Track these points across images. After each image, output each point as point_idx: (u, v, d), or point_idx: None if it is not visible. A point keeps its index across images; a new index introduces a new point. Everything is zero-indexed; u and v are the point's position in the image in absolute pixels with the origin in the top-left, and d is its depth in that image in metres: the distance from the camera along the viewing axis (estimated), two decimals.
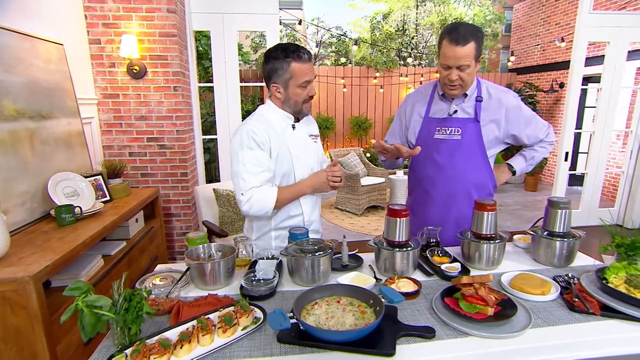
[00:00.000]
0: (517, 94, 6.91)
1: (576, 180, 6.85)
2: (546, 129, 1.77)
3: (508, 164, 1.83)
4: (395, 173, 5.90)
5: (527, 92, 7.37)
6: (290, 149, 1.55)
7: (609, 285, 1.19)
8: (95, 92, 3.10)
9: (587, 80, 6.50)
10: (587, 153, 4.91)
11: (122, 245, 2.39)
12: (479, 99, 1.67)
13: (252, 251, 1.54)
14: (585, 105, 6.90)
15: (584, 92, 6.66)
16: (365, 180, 5.53)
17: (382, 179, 5.62)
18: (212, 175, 5.78)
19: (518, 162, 1.82)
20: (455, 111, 1.69)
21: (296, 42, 9.35)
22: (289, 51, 1.46)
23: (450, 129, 1.69)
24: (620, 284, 1.19)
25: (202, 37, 5.75)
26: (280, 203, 1.50)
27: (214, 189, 3.06)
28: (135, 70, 3.10)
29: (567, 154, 4.50)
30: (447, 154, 1.69)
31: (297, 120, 1.61)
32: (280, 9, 3.76)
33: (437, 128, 1.71)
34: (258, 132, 1.47)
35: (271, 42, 3.60)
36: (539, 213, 5.46)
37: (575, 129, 4.47)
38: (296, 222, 1.63)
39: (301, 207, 1.61)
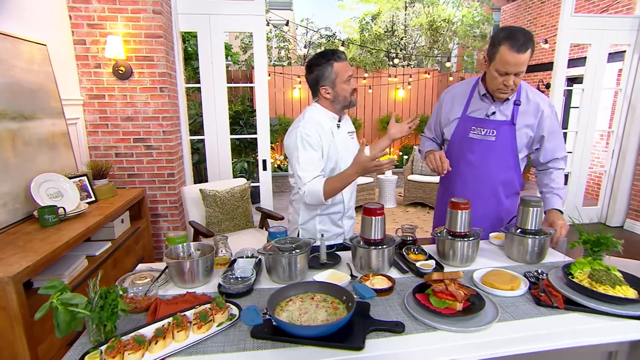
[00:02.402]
0: None
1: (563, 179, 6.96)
2: (564, 152, 1.78)
3: (555, 209, 1.71)
4: (383, 173, 5.95)
5: None
6: (337, 146, 1.71)
7: (573, 280, 1.24)
8: (81, 92, 3.09)
9: (572, 81, 6.63)
10: (571, 152, 5.00)
11: (107, 245, 2.40)
12: (517, 103, 1.71)
13: (299, 235, 1.70)
14: (571, 106, 7.01)
15: (569, 93, 6.78)
16: None
17: (371, 179, 5.66)
18: (202, 175, 5.77)
19: (557, 202, 1.73)
20: (494, 113, 1.73)
21: (286, 43, 9.40)
22: (329, 55, 1.65)
23: (485, 130, 1.74)
24: (584, 279, 1.24)
25: (192, 38, 5.74)
26: (330, 191, 1.58)
27: (200, 190, 3.08)
28: (121, 71, 3.10)
29: None
30: (480, 154, 1.76)
31: (339, 120, 1.77)
32: (270, 9, 3.79)
33: (473, 127, 1.76)
34: (310, 134, 1.62)
35: (258, 43, 3.62)
36: None
37: (562, 129, 4.55)
38: (338, 209, 1.80)
39: (342, 194, 1.76)
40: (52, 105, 2.47)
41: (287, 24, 5.32)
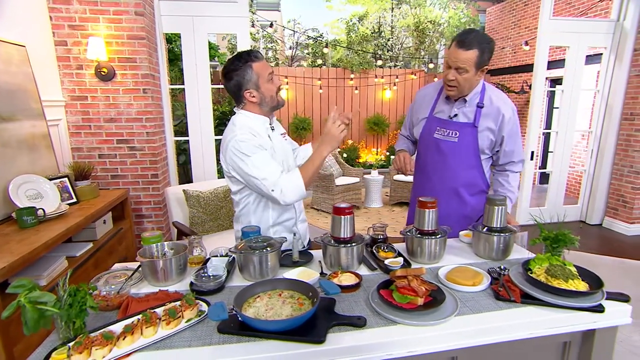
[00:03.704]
0: None
1: (546, 178, 7.10)
2: (521, 156, 1.85)
3: None
4: (370, 173, 6.02)
5: None
6: (276, 150, 1.65)
7: (531, 275, 1.30)
8: (63, 94, 3.10)
9: (555, 82, 6.76)
10: (552, 152, 5.12)
11: (88, 246, 2.41)
12: (480, 105, 1.76)
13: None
14: (554, 106, 7.14)
15: (552, 94, 6.91)
16: (340, 180, 5.62)
17: (357, 179, 5.72)
18: (189, 176, 5.77)
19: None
20: (456, 115, 1.80)
21: (273, 44, 9.42)
22: (245, 57, 1.57)
23: (448, 130, 1.80)
24: (541, 274, 1.30)
25: (178, 39, 5.73)
26: (309, 177, 1.55)
27: (183, 190, 3.10)
28: (104, 72, 3.11)
29: (532, 153, 4.68)
30: (443, 154, 1.83)
31: (270, 122, 1.69)
32: (257, 9, 3.82)
33: (437, 128, 1.83)
34: (250, 138, 1.54)
35: (242, 44, 3.65)
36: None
37: (545, 129, 4.65)
38: (289, 215, 1.74)
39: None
40: (32, 106, 2.48)
41: (271, 25, 5.34)
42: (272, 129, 1.69)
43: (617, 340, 2.59)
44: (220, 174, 5.64)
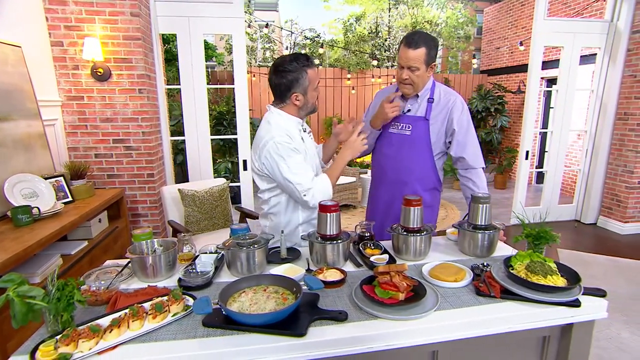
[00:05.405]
0: (487, 94, 6.97)
1: (543, 178, 7.11)
2: (473, 149, 1.86)
3: None
4: (366, 173, 6.05)
5: (497, 93, 7.63)
6: (307, 152, 1.70)
7: (511, 271, 1.32)
8: (59, 94, 3.12)
9: (551, 82, 6.79)
10: (547, 152, 5.14)
11: (83, 245, 2.44)
12: (430, 100, 1.87)
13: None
14: (551, 106, 7.17)
15: (548, 94, 6.94)
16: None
17: (354, 179, 5.75)
18: (187, 176, 5.79)
19: None
20: (409, 110, 1.90)
21: (270, 44, 9.46)
22: (303, 60, 1.59)
23: (402, 124, 1.91)
24: (522, 270, 1.33)
25: (175, 39, 5.77)
26: (334, 181, 1.70)
27: (179, 189, 3.13)
28: (100, 72, 3.14)
29: (527, 152, 4.71)
30: (397, 146, 1.91)
31: (302, 124, 1.74)
32: (255, 10, 3.84)
33: (392, 123, 1.93)
34: (288, 141, 1.58)
35: (238, 45, 3.68)
36: (505, 210, 5.67)
37: (543, 128, 4.68)
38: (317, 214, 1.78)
39: None
40: (28, 106, 2.51)
41: (267, 26, 5.38)
42: (304, 130, 1.74)
43: (607, 337, 2.63)
44: (217, 173, 5.68)
